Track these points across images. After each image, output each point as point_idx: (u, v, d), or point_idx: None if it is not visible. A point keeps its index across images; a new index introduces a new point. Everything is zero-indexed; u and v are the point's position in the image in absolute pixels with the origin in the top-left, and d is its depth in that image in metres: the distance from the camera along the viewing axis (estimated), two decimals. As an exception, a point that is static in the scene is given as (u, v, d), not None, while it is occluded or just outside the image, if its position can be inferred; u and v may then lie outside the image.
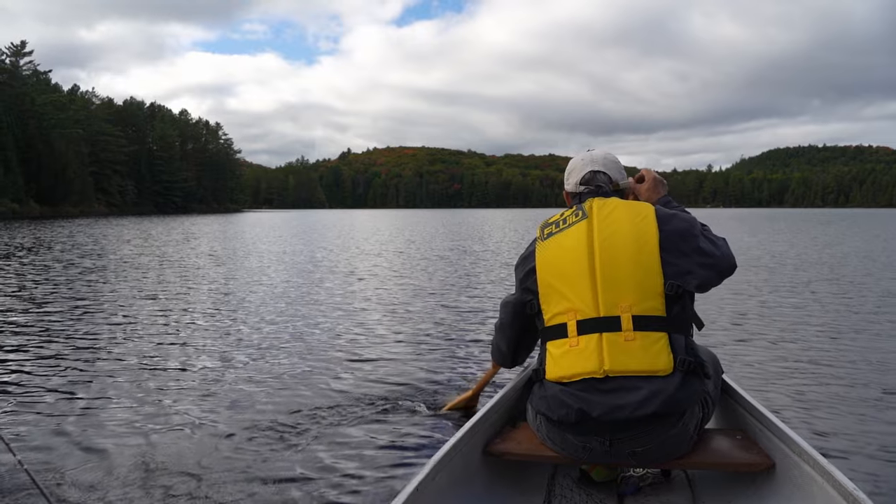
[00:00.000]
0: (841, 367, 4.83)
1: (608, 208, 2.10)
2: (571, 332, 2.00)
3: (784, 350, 5.40)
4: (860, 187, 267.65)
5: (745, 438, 2.20)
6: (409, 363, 4.95)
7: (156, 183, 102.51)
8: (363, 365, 4.92)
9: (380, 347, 5.51)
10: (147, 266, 12.86)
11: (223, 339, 5.87)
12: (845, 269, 12.23)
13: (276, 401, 3.98)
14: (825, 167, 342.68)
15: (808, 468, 1.87)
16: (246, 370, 4.74)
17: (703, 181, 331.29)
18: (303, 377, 4.55)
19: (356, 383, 4.39)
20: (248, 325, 6.54)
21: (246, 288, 9.57)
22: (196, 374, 4.64)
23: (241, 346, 5.53)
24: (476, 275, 11.51)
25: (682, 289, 1.99)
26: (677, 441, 1.97)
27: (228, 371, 4.73)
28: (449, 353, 5.25)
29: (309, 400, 3.99)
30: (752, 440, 2.19)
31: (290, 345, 5.61)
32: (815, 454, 1.86)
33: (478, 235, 27.18)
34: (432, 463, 1.85)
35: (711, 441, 2.14)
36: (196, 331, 6.24)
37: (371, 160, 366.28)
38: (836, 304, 7.83)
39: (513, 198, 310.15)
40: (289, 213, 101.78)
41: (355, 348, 5.47)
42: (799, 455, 1.93)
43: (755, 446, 2.14)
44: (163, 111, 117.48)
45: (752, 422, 2.28)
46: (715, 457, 2.07)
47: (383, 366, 4.88)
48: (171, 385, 4.34)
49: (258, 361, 5.00)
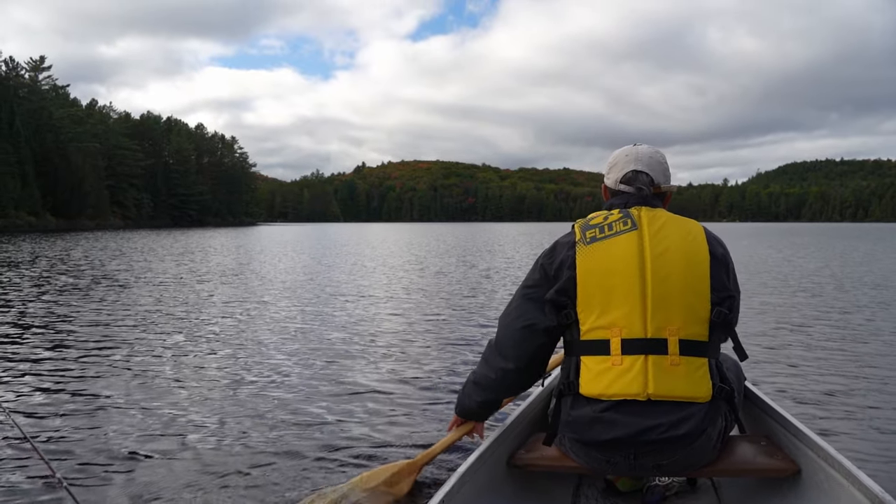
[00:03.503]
0: (866, 373, 4.90)
1: (659, 222, 1.99)
2: (615, 350, 1.90)
3: (808, 356, 5.47)
4: (879, 202, 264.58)
5: (769, 444, 2.17)
6: (435, 375, 4.89)
7: (172, 196, 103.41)
8: (387, 375, 4.92)
9: (402, 361, 5.38)
10: (153, 280, 12.68)
11: (235, 352, 5.70)
12: (868, 280, 12.01)
13: (290, 416, 3.91)
14: (843, 181, 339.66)
15: (834, 472, 1.85)
16: (259, 388, 4.62)
17: (720, 195, 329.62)
18: (321, 391, 4.49)
19: (377, 395, 4.36)
20: (262, 344, 6.28)
21: (257, 304, 9.32)
22: (210, 388, 4.58)
23: (253, 365, 5.36)
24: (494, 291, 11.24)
25: (729, 316, 1.94)
26: (702, 451, 1.93)
27: (239, 387, 4.64)
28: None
29: (328, 413, 3.94)
30: (776, 445, 2.17)
31: (305, 361, 5.48)
32: (841, 458, 1.84)
33: (499, 250, 26.90)
34: (457, 475, 1.84)
35: (736, 448, 2.10)
36: (210, 344, 6.08)
37: (386, 174, 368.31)
38: (863, 316, 7.78)
39: (527, 212, 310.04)
40: (303, 227, 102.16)
41: (377, 361, 5.39)
42: (824, 459, 1.91)
43: (780, 452, 2.11)
44: (179, 125, 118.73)
45: (775, 427, 2.27)
46: (740, 464, 2.05)
47: (409, 376, 4.85)
48: (182, 398, 4.29)
49: (271, 379, 4.87)
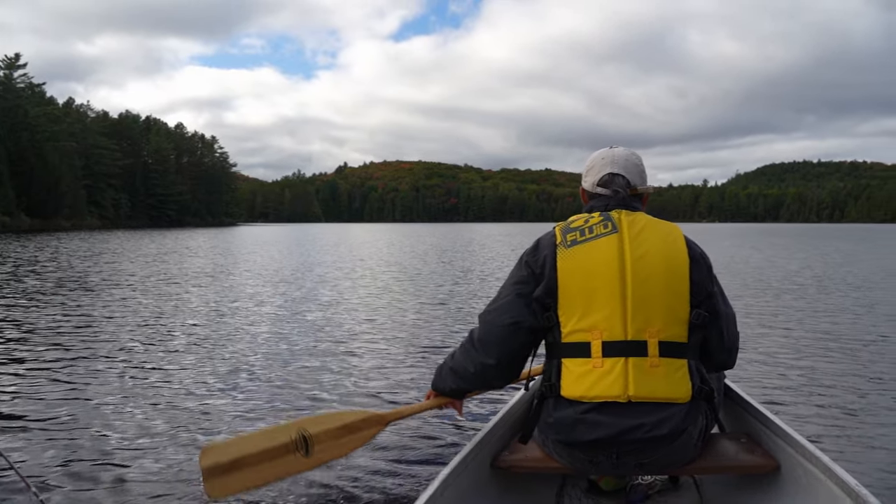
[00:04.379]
0: (845, 372, 5.08)
1: (639, 225, 2.01)
2: (595, 353, 1.92)
3: (788, 356, 5.64)
4: (855, 203, 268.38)
5: (749, 441, 2.20)
6: (412, 378, 4.86)
7: (150, 196, 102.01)
8: (362, 381, 4.88)
9: (381, 365, 5.33)
10: (120, 284, 12.39)
11: (210, 356, 5.59)
12: (845, 279, 12.17)
13: (270, 419, 3.90)
14: (820, 182, 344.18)
15: (812, 468, 1.89)
16: (240, 390, 4.59)
17: (700, 196, 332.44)
18: (299, 393, 4.48)
19: (355, 399, 4.34)
20: (240, 346, 6.18)
21: (232, 310, 9.10)
22: (187, 391, 4.53)
23: (233, 367, 5.32)
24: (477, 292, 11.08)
25: (708, 318, 1.98)
26: (683, 449, 1.96)
27: (219, 390, 4.60)
28: None
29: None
30: (756, 443, 2.20)
31: (283, 362, 5.47)
32: (819, 454, 1.88)
33: (480, 251, 26.76)
34: (440, 478, 1.84)
35: (717, 446, 2.13)
36: (187, 346, 5.99)
37: (368, 174, 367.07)
38: (843, 317, 7.92)
39: (509, 212, 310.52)
40: (283, 228, 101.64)
41: (354, 365, 5.35)
42: (803, 455, 1.95)
43: (759, 448, 2.15)
44: (158, 124, 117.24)
45: (755, 424, 2.29)
46: (721, 461, 2.07)
47: (385, 382, 4.82)
48: (149, 406, 4.23)
49: (252, 380, 4.87)
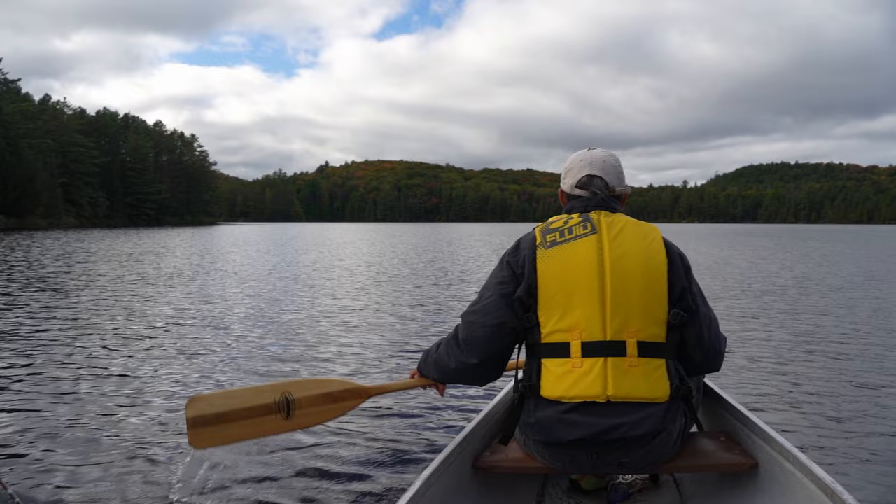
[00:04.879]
0: (823, 371, 5.23)
1: (618, 226, 2.02)
2: (575, 353, 1.93)
3: (765, 355, 5.76)
4: (832, 203, 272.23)
5: (727, 440, 2.23)
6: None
7: (128, 195, 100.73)
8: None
9: (356, 371, 5.20)
10: (90, 284, 12.13)
11: (175, 360, 5.33)
12: (824, 280, 12.19)
13: None
14: (797, 184, 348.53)
15: (790, 465, 1.92)
16: None
17: (679, 197, 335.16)
18: None
19: None
20: (206, 350, 5.96)
21: (202, 313, 8.90)
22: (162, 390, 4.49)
23: (199, 372, 5.15)
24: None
25: (685, 318, 1.98)
26: (662, 448, 1.97)
27: (180, 396, 4.46)
28: None
29: None
30: (734, 441, 2.23)
31: (259, 362, 5.41)
32: (796, 452, 1.90)
33: (462, 252, 26.65)
34: (422, 479, 1.84)
35: (696, 444, 2.15)
36: (162, 348, 5.70)
37: (349, 173, 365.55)
38: (819, 317, 7.93)
39: (491, 212, 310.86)
40: (264, 227, 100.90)
41: (330, 369, 5.22)
42: (780, 453, 1.98)
43: (738, 447, 2.17)
44: (137, 122, 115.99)
45: (734, 423, 2.31)
46: (700, 459, 2.09)
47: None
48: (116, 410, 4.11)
49: (218, 386, 4.74)
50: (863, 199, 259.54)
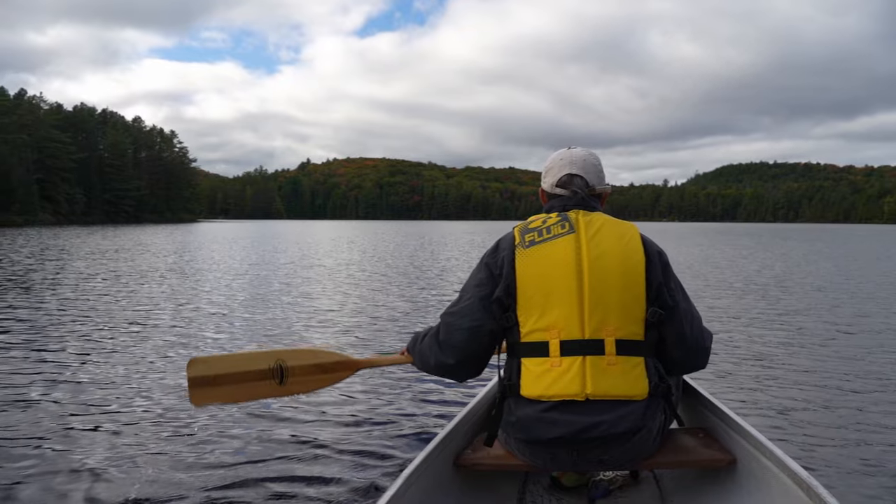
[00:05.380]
0: (802, 369, 5.29)
1: (595, 225, 2.03)
2: (553, 352, 1.94)
3: (746, 353, 5.85)
4: (809, 203, 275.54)
5: (706, 436, 2.25)
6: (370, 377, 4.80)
7: (106, 192, 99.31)
8: None
9: None
10: (69, 282, 11.88)
11: (140, 362, 5.18)
12: (804, 279, 12.31)
13: (228, 421, 3.84)
14: (776, 183, 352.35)
15: (767, 461, 1.95)
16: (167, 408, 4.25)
17: (660, 196, 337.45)
18: None
19: (312, 398, 4.23)
20: (173, 352, 5.83)
21: (173, 313, 8.74)
22: (139, 394, 4.39)
23: (161, 377, 4.96)
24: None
25: (663, 316, 1.99)
26: (642, 445, 1.99)
27: (173, 389, 4.47)
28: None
29: (268, 419, 3.87)
30: (713, 437, 2.25)
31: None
32: (773, 448, 1.93)
33: (443, 251, 26.55)
34: (403, 477, 1.85)
35: (675, 441, 2.17)
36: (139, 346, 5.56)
37: (331, 171, 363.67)
38: (799, 315, 8.01)
39: (473, 210, 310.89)
40: (244, 224, 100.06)
41: None
42: (758, 449, 2.01)
43: (716, 443, 2.20)
44: (115, 118, 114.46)
45: (713, 420, 2.34)
46: (679, 456, 2.11)
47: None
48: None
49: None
50: (839, 198, 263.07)
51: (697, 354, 2.10)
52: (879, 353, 5.96)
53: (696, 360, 2.12)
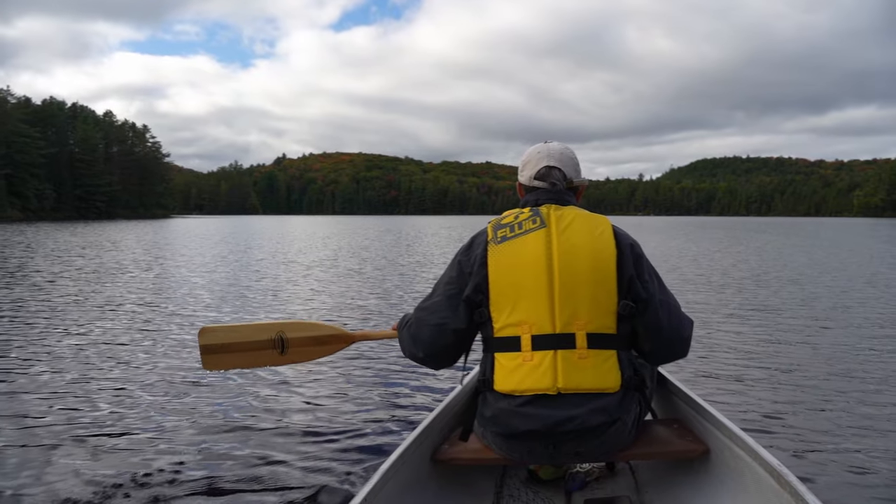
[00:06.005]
0: (776, 361, 5.35)
1: (567, 219, 2.03)
2: (525, 347, 1.95)
3: (721, 345, 5.90)
4: (781, 197, 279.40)
5: (681, 427, 2.28)
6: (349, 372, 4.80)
7: (77, 187, 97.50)
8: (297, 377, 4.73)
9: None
10: (30, 280, 11.56)
11: (95, 366, 5.05)
12: (780, 273, 12.44)
13: (204, 413, 3.83)
14: (749, 177, 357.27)
15: (740, 451, 1.98)
16: (169, 390, 4.37)
17: (636, 190, 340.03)
18: (233, 392, 4.35)
19: (291, 394, 4.25)
20: (131, 357, 5.68)
21: (131, 313, 8.52)
22: (116, 390, 4.37)
23: (161, 367, 5.02)
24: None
25: (634, 309, 1.98)
26: (617, 437, 2.00)
27: (150, 388, 4.43)
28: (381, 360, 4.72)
29: (244, 414, 3.84)
30: (687, 428, 2.28)
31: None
32: (746, 438, 1.96)
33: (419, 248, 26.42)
34: (380, 473, 1.85)
35: (650, 432, 2.19)
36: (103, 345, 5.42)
37: (307, 166, 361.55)
38: (775, 309, 8.04)
39: (450, 205, 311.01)
40: (219, 220, 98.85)
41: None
42: (730, 439, 2.04)
43: (690, 434, 2.23)
44: (85, 112, 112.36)
45: (687, 410, 2.36)
46: (654, 447, 2.14)
47: (317, 379, 4.68)
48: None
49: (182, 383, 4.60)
50: (811, 192, 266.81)
51: (676, 344, 2.09)
52: (852, 344, 6.01)
53: (676, 350, 2.11)
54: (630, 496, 2.26)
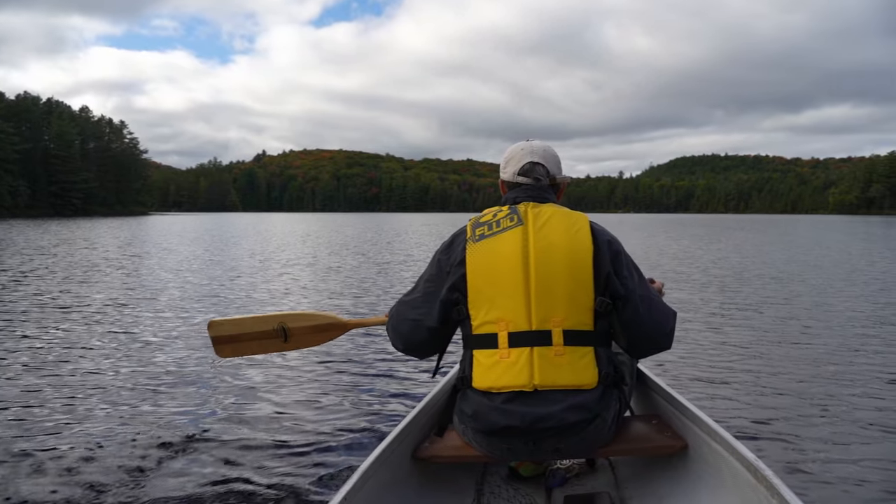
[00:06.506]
0: (750, 355, 5.44)
1: (544, 216, 2.04)
2: (502, 344, 1.96)
3: (699, 341, 6.01)
4: (759, 194, 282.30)
5: (660, 423, 2.29)
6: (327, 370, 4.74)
7: (52, 183, 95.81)
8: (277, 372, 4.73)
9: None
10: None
11: (53, 370, 4.94)
12: (760, 270, 12.48)
13: (182, 410, 3.83)
14: (727, 175, 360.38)
15: (717, 446, 1.99)
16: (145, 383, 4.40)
17: (616, 187, 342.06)
18: (217, 389, 4.33)
19: (270, 395, 4.21)
20: (93, 361, 5.56)
21: (99, 315, 8.27)
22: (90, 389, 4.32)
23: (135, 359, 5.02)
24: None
25: (611, 305, 1.99)
26: (597, 434, 2.01)
27: (124, 384, 4.42)
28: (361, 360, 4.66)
29: (223, 415, 3.79)
30: (666, 424, 2.29)
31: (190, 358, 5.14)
32: (723, 433, 1.97)
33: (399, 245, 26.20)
34: (360, 472, 1.85)
35: (630, 429, 2.21)
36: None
37: (287, 163, 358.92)
38: (755, 306, 8.06)
39: (431, 202, 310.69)
40: (198, 217, 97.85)
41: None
42: (708, 434, 2.05)
43: (669, 429, 2.24)
44: (61, 107, 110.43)
45: (665, 406, 2.38)
46: (634, 443, 2.15)
47: (299, 375, 4.64)
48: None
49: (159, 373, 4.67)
50: (787, 190, 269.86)
51: (659, 338, 2.11)
52: (830, 342, 6.04)
53: (659, 343, 2.12)
54: (610, 492, 2.26)
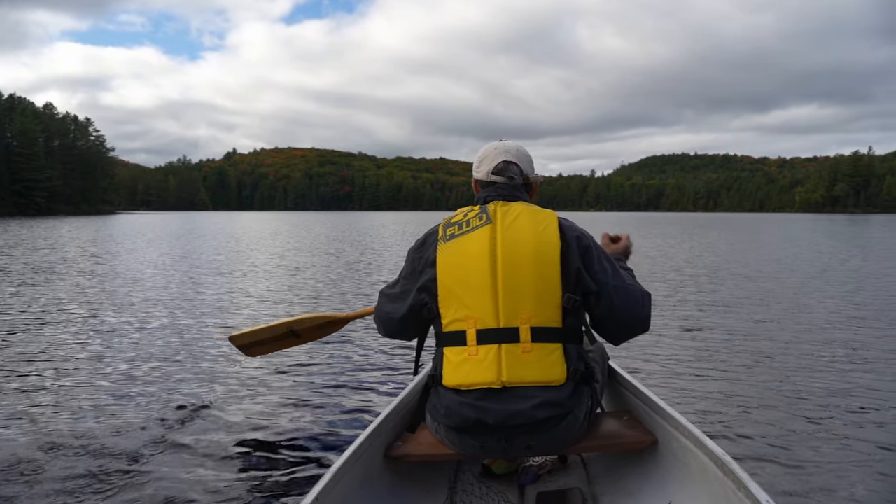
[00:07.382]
0: (720, 352, 5.50)
1: (512, 215, 2.07)
2: (471, 341, 1.99)
3: (669, 337, 6.07)
4: (727, 193, 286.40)
5: (630, 419, 2.33)
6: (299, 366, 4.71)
7: (15, 182, 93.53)
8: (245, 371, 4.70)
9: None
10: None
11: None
12: (732, 269, 12.57)
13: (155, 408, 3.82)
14: (696, 174, 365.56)
15: (686, 441, 2.02)
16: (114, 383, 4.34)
17: (588, 186, 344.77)
18: (188, 389, 4.29)
19: (243, 396, 4.17)
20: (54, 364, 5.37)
21: (60, 317, 7.93)
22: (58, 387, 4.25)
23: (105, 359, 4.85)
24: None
25: (579, 302, 2.01)
26: (569, 430, 2.02)
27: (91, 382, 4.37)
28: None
29: (196, 417, 3.74)
30: (636, 420, 2.32)
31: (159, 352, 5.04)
32: (692, 428, 1.99)
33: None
34: (332, 471, 1.84)
35: (601, 425, 2.24)
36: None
37: (258, 161, 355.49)
38: (727, 304, 8.13)
39: (404, 200, 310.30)
40: (166, 216, 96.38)
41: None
42: (677, 429, 2.08)
43: (640, 425, 2.27)
44: (24, 104, 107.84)
45: (636, 403, 2.41)
46: (605, 439, 2.18)
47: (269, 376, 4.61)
48: None
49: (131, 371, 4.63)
50: (755, 188, 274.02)
51: (635, 324, 2.14)
52: (799, 338, 6.07)
53: (636, 329, 2.16)
54: (582, 488, 2.29)
